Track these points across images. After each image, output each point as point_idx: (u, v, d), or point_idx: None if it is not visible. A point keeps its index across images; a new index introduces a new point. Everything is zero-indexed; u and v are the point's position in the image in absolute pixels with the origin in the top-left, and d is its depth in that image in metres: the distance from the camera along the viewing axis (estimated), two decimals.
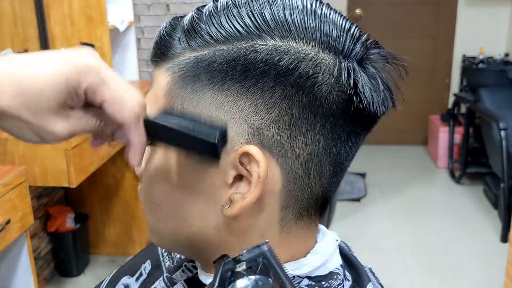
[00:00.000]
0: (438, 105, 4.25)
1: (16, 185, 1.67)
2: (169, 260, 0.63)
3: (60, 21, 2.56)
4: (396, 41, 3.97)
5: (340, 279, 0.50)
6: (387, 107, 0.47)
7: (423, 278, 2.58)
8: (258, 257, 0.37)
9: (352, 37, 0.45)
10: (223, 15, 0.45)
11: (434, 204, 3.44)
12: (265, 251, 0.37)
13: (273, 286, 0.36)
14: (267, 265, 0.36)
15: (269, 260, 0.37)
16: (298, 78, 0.43)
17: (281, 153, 0.45)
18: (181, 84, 0.46)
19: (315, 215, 0.50)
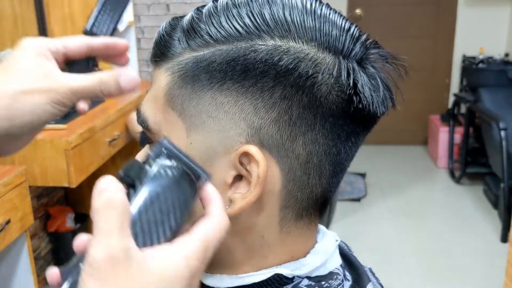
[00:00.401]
0: (438, 105, 4.25)
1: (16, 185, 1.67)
2: None
3: (60, 20, 2.57)
4: (396, 41, 3.97)
5: (340, 279, 0.50)
6: (386, 107, 0.47)
7: (423, 278, 2.58)
8: (161, 149, 0.40)
9: (351, 37, 0.45)
10: (223, 15, 0.45)
11: (434, 204, 3.44)
12: (165, 143, 0.40)
13: (178, 167, 0.39)
14: (170, 154, 0.39)
15: (171, 150, 0.40)
16: (298, 78, 0.43)
17: (280, 153, 0.45)
18: (181, 84, 0.46)
19: (315, 215, 0.50)
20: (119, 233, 0.35)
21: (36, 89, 0.45)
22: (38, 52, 0.47)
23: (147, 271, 0.35)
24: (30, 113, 0.45)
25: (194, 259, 0.36)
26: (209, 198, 0.40)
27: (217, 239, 0.38)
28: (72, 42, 0.50)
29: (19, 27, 2.45)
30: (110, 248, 0.34)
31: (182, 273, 0.36)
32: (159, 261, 0.35)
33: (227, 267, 0.49)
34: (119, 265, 0.34)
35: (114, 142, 2.31)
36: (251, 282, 0.47)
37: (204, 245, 0.37)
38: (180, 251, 0.36)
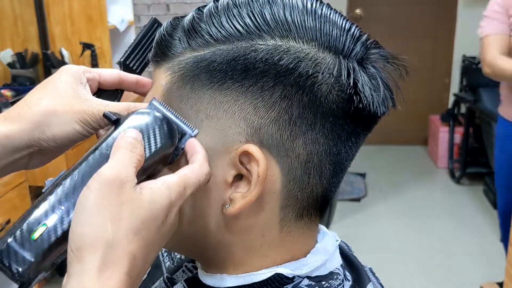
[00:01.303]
0: (438, 105, 4.25)
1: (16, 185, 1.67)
2: (169, 260, 0.63)
3: (60, 21, 2.57)
4: (396, 41, 3.97)
5: (340, 279, 0.50)
6: (387, 107, 0.47)
7: (423, 278, 2.58)
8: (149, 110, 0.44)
9: (352, 37, 0.45)
10: (224, 15, 0.45)
11: (434, 204, 3.44)
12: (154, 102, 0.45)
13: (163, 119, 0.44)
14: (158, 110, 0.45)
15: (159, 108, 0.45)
16: (298, 77, 0.43)
17: (280, 153, 0.45)
18: (180, 83, 0.46)
19: (315, 215, 0.50)
20: (133, 170, 0.41)
21: (67, 108, 0.49)
22: (74, 76, 0.51)
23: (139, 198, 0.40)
24: (60, 129, 0.49)
25: (174, 190, 0.41)
26: (194, 150, 0.44)
27: (196, 179, 0.42)
28: (108, 72, 0.54)
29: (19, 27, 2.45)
30: (121, 173, 0.40)
31: (164, 201, 0.41)
32: (149, 190, 0.40)
33: (227, 266, 0.49)
34: (123, 191, 0.39)
35: None
36: (251, 282, 0.47)
37: (183, 182, 0.42)
38: (164, 183, 0.41)
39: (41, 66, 2.52)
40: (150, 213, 0.40)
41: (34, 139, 0.49)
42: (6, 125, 0.49)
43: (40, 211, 0.41)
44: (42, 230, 0.40)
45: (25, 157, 0.50)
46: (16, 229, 0.40)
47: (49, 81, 0.51)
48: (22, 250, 0.40)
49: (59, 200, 0.41)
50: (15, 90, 2.25)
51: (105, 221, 0.38)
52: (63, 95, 0.49)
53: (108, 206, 0.39)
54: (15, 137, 0.48)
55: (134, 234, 0.39)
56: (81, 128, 0.49)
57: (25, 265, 0.39)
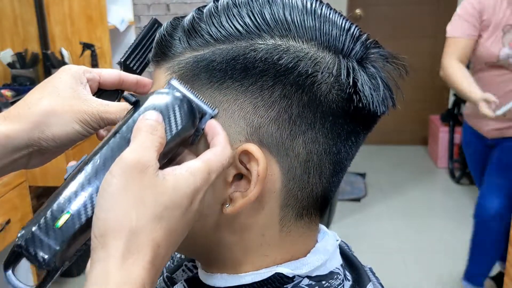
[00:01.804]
0: (438, 105, 4.25)
1: (16, 185, 1.67)
2: (169, 260, 0.63)
3: (60, 21, 2.57)
4: (396, 41, 3.97)
5: (340, 279, 0.50)
6: (387, 107, 0.47)
7: (423, 278, 2.58)
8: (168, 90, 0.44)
9: (352, 37, 0.45)
10: (223, 15, 0.45)
11: (434, 204, 3.44)
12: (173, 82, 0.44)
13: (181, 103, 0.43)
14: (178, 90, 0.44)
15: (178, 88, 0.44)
16: (298, 77, 0.43)
17: (280, 152, 0.45)
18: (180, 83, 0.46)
19: (315, 214, 0.50)
20: (155, 153, 0.40)
21: (67, 108, 0.49)
22: (75, 76, 0.51)
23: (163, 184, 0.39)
24: (59, 128, 0.49)
25: (199, 176, 0.40)
26: (214, 131, 0.43)
27: (220, 164, 0.42)
28: (108, 73, 0.54)
29: (19, 27, 2.45)
30: (144, 157, 0.39)
31: (189, 187, 0.40)
32: (173, 176, 0.40)
33: (228, 266, 0.49)
34: (145, 175, 0.39)
35: None
36: (251, 281, 0.47)
37: (208, 167, 0.41)
38: (188, 168, 0.41)
39: (41, 66, 2.52)
40: (174, 199, 0.39)
41: (34, 139, 0.49)
42: (6, 125, 0.49)
43: (63, 198, 0.41)
44: (66, 217, 0.40)
45: (24, 157, 0.50)
46: (41, 217, 0.40)
47: (49, 81, 0.51)
48: (47, 239, 0.39)
49: (81, 186, 0.41)
50: (15, 90, 2.25)
51: (129, 207, 0.38)
52: (62, 95, 0.49)
53: (131, 191, 0.38)
54: (15, 136, 0.48)
55: (158, 221, 0.39)
56: (81, 128, 0.49)
57: (51, 253, 0.39)
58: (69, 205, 0.40)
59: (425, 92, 4.25)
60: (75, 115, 0.49)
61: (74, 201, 0.41)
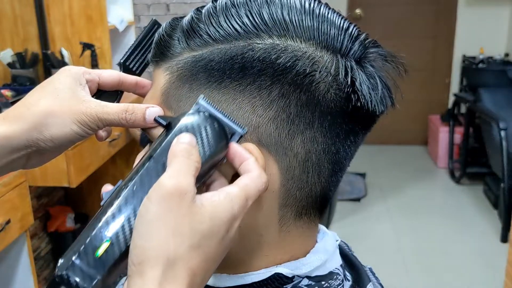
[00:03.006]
0: (438, 105, 4.25)
1: (16, 185, 1.67)
2: None
3: (60, 21, 2.57)
4: (396, 41, 3.97)
5: (340, 279, 0.50)
6: (385, 106, 0.47)
7: (423, 278, 2.58)
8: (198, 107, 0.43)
9: (350, 36, 0.45)
10: (222, 15, 0.45)
11: (434, 204, 3.44)
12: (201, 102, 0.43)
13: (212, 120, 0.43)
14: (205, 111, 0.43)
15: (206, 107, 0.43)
16: (296, 76, 0.43)
17: (279, 152, 0.45)
18: (179, 83, 0.46)
19: (314, 214, 0.50)
20: (192, 178, 0.39)
21: (66, 109, 0.49)
22: (74, 77, 0.51)
23: (200, 212, 0.39)
24: (58, 129, 0.48)
25: (236, 203, 0.40)
26: (243, 156, 0.43)
27: (257, 190, 0.41)
28: (107, 74, 0.54)
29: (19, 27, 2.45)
30: (181, 183, 0.38)
31: (226, 216, 0.40)
32: (211, 204, 0.39)
33: (227, 266, 0.49)
34: (184, 202, 0.38)
35: (114, 142, 2.31)
36: (251, 282, 0.47)
37: (245, 194, 0.41)
38: (227, 196, 0.40)
39: (41, 66, 2.52)
40: (212, 228, 0.39)
41: (32, 140, 0.49)
42: (5, 125, 0.49)
43: (102, 225, 0.40)
44: (106, 245, 0.39)
45: (23, 157, 0.50)
46: (80, 245, 0.40)
47: (48, 82, 0.51)
48: (88, 268, 0.39)
49: (120, 212, 0.40)
50: (15, 90, 2.25)
51: (167, 235, 0.38)
52: (61, 96, 0.49)
53: (169, 219, 0.38)
54: (14, 137, 0.48)
55: (195, 250, 0.38)
56: (79, 129, 0.49)
57: (92, 282, 0.39)
58: (109, 232, 0.40)
59: (425, 92, 4.25)
60: (73, 116, 0.48)
61: (113, 229, 0.40)
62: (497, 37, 4.05)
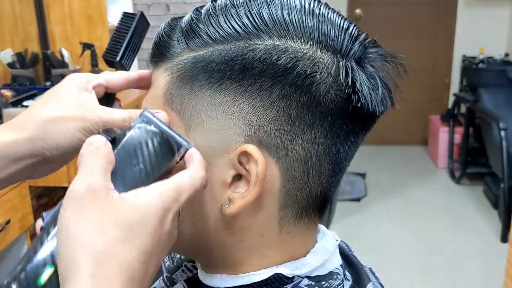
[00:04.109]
0: (438, 105, 4.25)
1: (16, 185, 1.67)
2: (169, 260, 0.63)
3: (60, 21, 2.57)
4: (396, 41, 3.97)
5: (340, 279, 0.50)
6: (386, 106, 0.47)
7: (422, 278, 2.58)
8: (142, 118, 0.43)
9: (350, 36, 0.45)
10: (222, 15, 0.45)
11: (434, 204, 3.44)
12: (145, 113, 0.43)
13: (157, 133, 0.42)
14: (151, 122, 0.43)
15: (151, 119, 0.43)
16: (296, 77, 0.43)
17: (279, 153, 0.45)
18: (180, 84, 0.46)
19: (314, 215, 0.50)
20: (103, 174, 0.38)
21: (69, 116, 0.49)
22: (79, 85, 0.51)
23: (122, 204, 0.38)
24: (62, 137, 0.48)
25: (166, 195, 0.39)
26: (190, 158, 0.43)
27: (191, 186, 0.41)
28: (114, 76, 0.54)
29: (19, 27, 2.45)
30: (92, 183, 0.38)
31: (154, 207, 0.38)
32: (133, 196, 0.39)
33: (227, 267, 0.49)
34: (98, 199, 0.37)
35: None
36: (251, 282, 0.47)
37: (177, 187, 0.40)
38: (154, 188, 0.40)
39: (41, 66, 2.52)
40: (138, 219, 0.38)
41: (37, 148, 0.49)
42: (10, 133, 0.49)
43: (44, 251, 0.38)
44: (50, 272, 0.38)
45: (29, 166, 0.50)
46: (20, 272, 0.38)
47: (54, 90, 0.51)
48: None
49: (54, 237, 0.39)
50: (15, 90, 2.25)
51: (88, 234, 0.37)
52: (65, 104, 0.49)
53: (87, 219, 0.37)
54: (19, 145, 0.48)
55: (122, 243, 0.37)
56: (84, 136, 0.48)
57: None
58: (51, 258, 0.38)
59: (425, 92, 4.25)
60: (77, 123, 0.48)
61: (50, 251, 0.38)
62: (497, 37, 4.05)
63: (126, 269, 0.37)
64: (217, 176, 0.45)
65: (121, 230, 0.37)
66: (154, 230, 0.38)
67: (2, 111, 1.97)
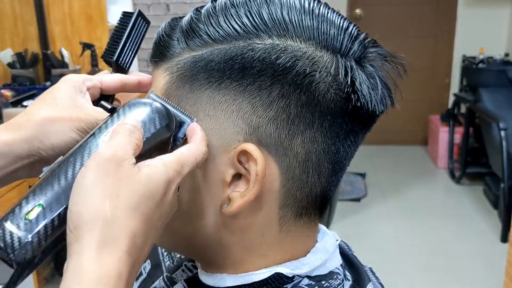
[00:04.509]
0: (438, 105, 4.25)
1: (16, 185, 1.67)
2: (169, 260, 0.63)
3: (60, 21, 2.57)
4: (396, 41, 3.97)
5: (340, 278, 0.50)
6: (385, 106, 0.47)
7: (422, 278, 2.58)
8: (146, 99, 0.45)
9: (350, 36, 0.45)
10: (221, 15, 0.45)
11: (434, 204, 3.44)
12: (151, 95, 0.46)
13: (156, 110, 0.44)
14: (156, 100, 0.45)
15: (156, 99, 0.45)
16: (296, 76, 0.43)
17: (279, 152, 0.45)
18: (179, 84, 0.46)
19: (314, 214, 0.50)
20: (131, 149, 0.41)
21: (65, 117, 0.50)
22: (73, 86, 0.52)
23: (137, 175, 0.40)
24: (57, 137, 0.49)
25: (170, 167, 0.41)
26: (191, 133, 0.45)
27: (193, 158, 0.43)
28: (109, 78, 0.55)
29: (19, 27, 2.45)
30: (119, 151, 0.40)
31: (161, 178, 0.40)
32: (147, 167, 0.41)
33: (227, 266, 0.49)
34: (122, 166, 0.39)
35: None
36: (251, 281, 0.47)
37: (180, 160, 0.42)
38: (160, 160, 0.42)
39: (41, 66, 2.52)
40: (148, 189, 0.40)
41: (34, 149, 0.49)
42: (7, 134, 0.50)
43: (35, 192, 0.41)
44: (38, 210, 0.40)
45: (27, 166, 0.51)
46: (11, 211, 0.40)
47: (49, 92, 0.52)
48: (17, 230, 0.39)
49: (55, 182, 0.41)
50: (15, 90, 2.25)
51: (103, 198, 0.38)
52: (60, 105, 0.50)
53: (105, 183, 0.38)
54: (16, 146, 0.49)
55: (132, 211, 0.39)
56: (78, 136, 0.49)
57: (20, 245, 0.38)
58: (41, 199, 0.40)
59: (425, 92, 4.25)
60: (72, 124, 0.49)
61: (46, 195, 0.40)
62: (497, 37, 4.05)
63: (130, 235, 0.38)
64: (216, 175, 0.45)
65: (134, 199, 0.39)
66: (160, 200, 0.40)
67: (2, 111, 1.97)
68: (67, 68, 2.46)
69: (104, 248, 0.37)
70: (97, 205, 0.38)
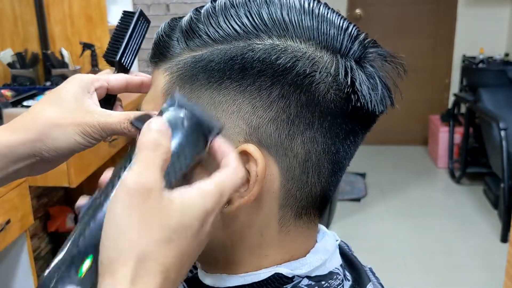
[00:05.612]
0: (438, 105, 4.25)
1: (16, 185, 1.67)
2: None
3: (60, 21, 2.57)
4: (396, 41, 3.97)
5: (340, 279, 0.50)
6: (385, 106, 0.47)
7: (423, 278, 2.58)
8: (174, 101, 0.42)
9: (349, 36, 0.45)
10: (221, 15, 0.45)
11: (434, 204, 3.44)
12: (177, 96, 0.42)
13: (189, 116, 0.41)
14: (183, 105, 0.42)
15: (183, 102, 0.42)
16: (295, 76, 0.43)
17: (279, 152, 0.45)
18: (179, 84, 0.46)
19: (314, 214, 0.50)
20: (159, 172, 0.38)
21: (69, 120, 0.49)
22: (81, 86, 0.51)
23: (170, 206, 0.38)
24: (61, 140, 0.49)
25: (209, 196, 0.39)
26: (224, 150, 0.42)
27: (232, 185, 0.41)
28: (115, 78, 0.54)
29: (19, 27, 2.45)
30: (147, 182, 0.37)
31: (198, 211, 0.39)
32: (181, 198, 0.39)
33: (227, 266, 0.49)
34: (149, 199, 0.37)
35: (114, 142, 2.31)
36: (251, 282, 0.47)
37: (219, 189, 0.40)
38: (197, 189, 0.39)
39: (41, 66, 2.52)
40: (182, 222, 0.38)
41: (36, 150, 0.49)
42: (10, 135, 0.49)
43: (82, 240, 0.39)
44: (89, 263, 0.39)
45: (28, 166, 0.51)
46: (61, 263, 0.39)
47: (55, 91, 0.51)
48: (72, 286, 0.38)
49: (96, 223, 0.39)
50: (15, 90, 2.25)
51: (135, 232, 0.37)
52: (66, 107, 0.50)
53: (136, 217, 0.37)
54: (18, 147, 0.49)
55: (166, 245, 0.38)
56: (83, 140, 0.49)
57: None
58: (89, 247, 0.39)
59: (425, 92, 4.25)
60: (77, 127, 0.49)
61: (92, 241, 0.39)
62: (497, 37, 4.05)
63: (164, 270, 0.38)
64: None
65: (166, 233, 0.38)
66: (196, 232, 0.39)
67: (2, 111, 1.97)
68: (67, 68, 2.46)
69: (138, 283, 0.36)
70: (130, 240, 0.37)
